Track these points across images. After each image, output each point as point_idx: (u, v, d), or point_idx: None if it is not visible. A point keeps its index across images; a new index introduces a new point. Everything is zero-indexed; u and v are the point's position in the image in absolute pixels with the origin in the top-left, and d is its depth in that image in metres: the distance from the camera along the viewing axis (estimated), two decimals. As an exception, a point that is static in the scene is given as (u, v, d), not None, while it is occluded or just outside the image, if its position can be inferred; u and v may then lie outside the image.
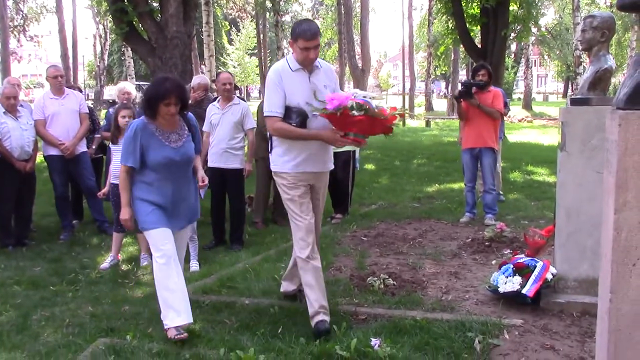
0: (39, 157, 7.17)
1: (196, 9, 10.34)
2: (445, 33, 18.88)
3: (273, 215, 7.61)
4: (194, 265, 5.75)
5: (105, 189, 6.01)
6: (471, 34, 15.51)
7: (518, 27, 15.95)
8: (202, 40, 23.34)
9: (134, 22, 9.53)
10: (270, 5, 23.10)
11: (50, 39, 44.10)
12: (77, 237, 6.93)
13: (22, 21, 34.89)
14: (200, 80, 7.43)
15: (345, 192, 7.76)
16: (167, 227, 4.03)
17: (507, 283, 4.45)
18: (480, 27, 14.92)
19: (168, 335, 3.88)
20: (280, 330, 4.04)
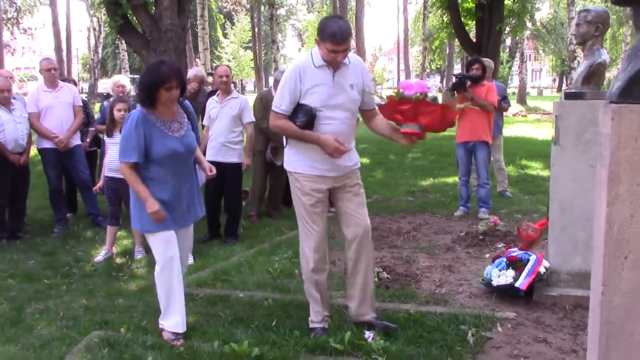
0: (33, 150, 7.14)
1: (190, 2, 10.29)
2: (441, 27, 18.93)
3: (268, 208, 7.61)
4: (190, 259, 5.74)
5: (100, 182, 6.00)
6: (466, 28, 15.56)
7: (513, 21, 16.02)
8: (196, 34, 23.32)
9: (128, 14, 9.47)
10: (265, -1, 23.10)
11: (44, 32, 43.91)
12: (71, 231, 6.91)
13: (15, 14, 34.74)
14: (196, 72, 7.40)
15: None
16: (171, 229, 3.86)
17: (501, 276, 4.47)
18: (475, 21, 14.97)
19: (163, 336, 3.86)
20: (275, 323, 4.04)
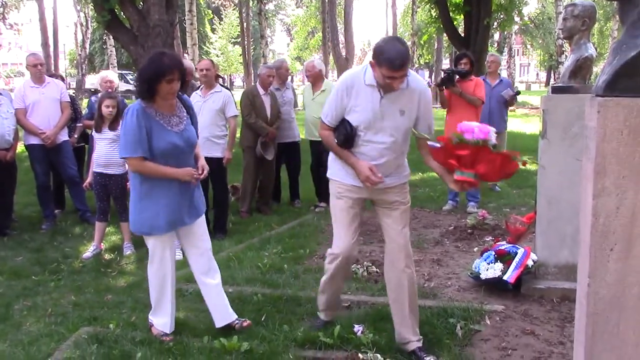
0: (20, 146, 7.09)
1: (178, -3, 10.25)
2: (429, 22, 18.96)
3: (257, 204, 7.60)
4: (177, 254, 5.72)
5: (89, 178, 5.97)
6: (454, 22, 15.57)
7: (501, 16, 16.07)
8: (184, 29, 23.22)
9: (116, 9, 9.41)
10: (253, -7, 23.01)
11: (30, 27, 43.41)
12: (59, 227, 6.87)
13: (1, 9, 34.38)
14: (185, 64, 7.35)
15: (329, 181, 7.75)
16: (170, 230, 3.77)
17: (489, 270, 4.50)
18: (463, 16, 14.98)
19: (152, 331, 3.87)
20: (264, 317, 4.05)
